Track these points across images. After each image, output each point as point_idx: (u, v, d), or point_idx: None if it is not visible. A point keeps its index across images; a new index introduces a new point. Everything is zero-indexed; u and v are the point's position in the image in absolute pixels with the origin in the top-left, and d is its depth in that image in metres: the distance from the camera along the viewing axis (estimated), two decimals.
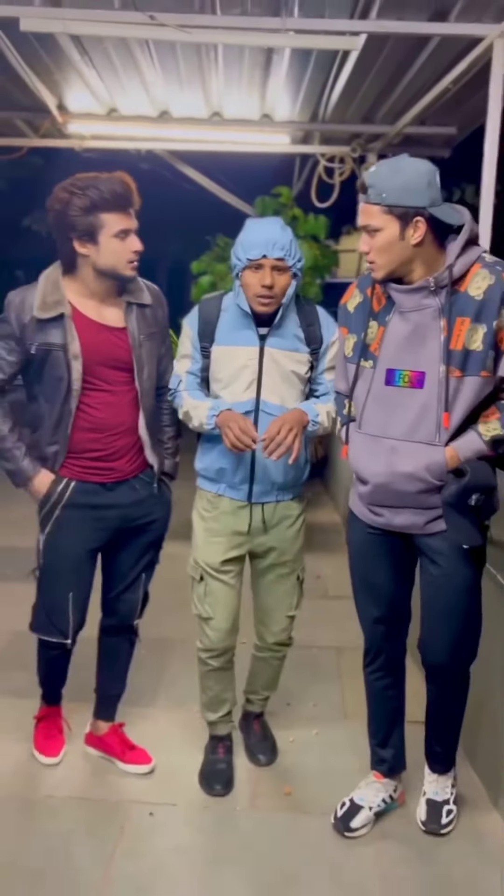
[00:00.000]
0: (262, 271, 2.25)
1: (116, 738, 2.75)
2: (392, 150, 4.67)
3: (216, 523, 2.52)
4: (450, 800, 2.49)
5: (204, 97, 4.03)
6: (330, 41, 2.91)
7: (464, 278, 2.06)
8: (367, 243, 2.08)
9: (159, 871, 2.22)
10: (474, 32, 2.82)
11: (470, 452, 2.14)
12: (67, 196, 2.20)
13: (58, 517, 2.44)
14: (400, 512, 2.24)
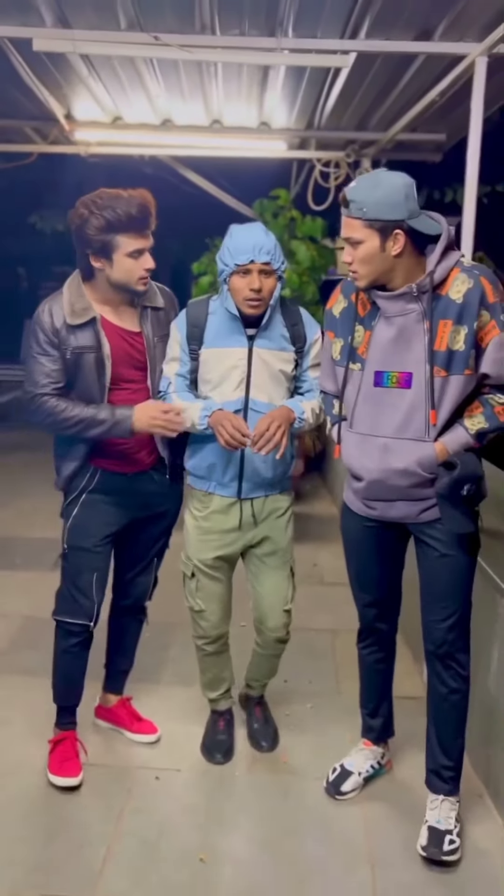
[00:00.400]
0: (251, 276, 2.32)
1: (125, 710, 2.91)
2: (385, 154, 4.85)
3: (207, 521, 2.59)
4: (453, 831, 2.37)
5: (205, 107, 4.21)
6: (322, 59, 3.09)
7: (444, 283, 2.16)
8: (350, 254, 2.16)
9: (165, 826, 2.43)
10: (457, 51, 2.99)
11: (458, 446, 2.22)
12: (87, 213, 2.29)
13: (84, 501, 2.57)
14: (393, 504, 2.33)
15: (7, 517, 5.28)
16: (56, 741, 2.69)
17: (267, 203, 5.75)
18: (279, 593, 2.66)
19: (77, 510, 2.58)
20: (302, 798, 2.59)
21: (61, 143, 4.68)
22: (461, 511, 2.22)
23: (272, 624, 2.68)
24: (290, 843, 2.38)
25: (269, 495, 2.58)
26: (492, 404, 2.23)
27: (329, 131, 4.60)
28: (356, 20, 2.94)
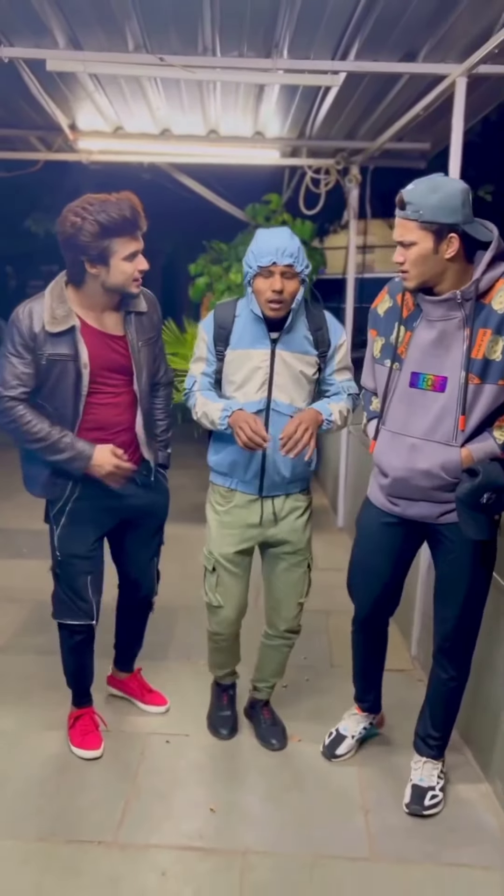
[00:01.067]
0: (273, 277, 2.32)
1: (136, 682, 3.10)
2: (373, 162, 5.07)
3: (229, 516, 2.62)
4: (436, 787, 2.57)
5: (203, 118, 4.42)
6: (313, 79, 3.31)
7: (489, 292, 2.15)
8: (403, 255, 2.16)
9: (176, 783, 2.67)
10: (439, 71, 3.22)
11: (484, 454, 2.23)
12: (79, 221, 2.24)
13: (70, 510, 2.57)
14: (415, 504, 2.36)
15: (9, 509, 5.50)
16: (75, 716, 2.84)
17: (259, 207, 5.98)
18: (295, 588, 2.71)
19: (65, 519, 2.58)
20: (301, 758, 2.82)
21: (65, 152, 4.88)
22: (479, 518, 2.22)
23: (285, 613, 2.74)
24: (291, 796, 2.62)
25: (290, 494, 2.61)
26: None
27: (320, 140, 4.80)
28: (347, 43, 3.17)
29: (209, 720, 2.97)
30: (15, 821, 2.46)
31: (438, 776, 2.60)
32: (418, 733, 2.65)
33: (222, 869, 2.29)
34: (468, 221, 2.11)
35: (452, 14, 2.90)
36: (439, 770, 2.61)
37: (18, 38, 3.18)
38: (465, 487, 2.18)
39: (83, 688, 2.85)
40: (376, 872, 2.30)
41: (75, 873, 2.26)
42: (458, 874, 2.30)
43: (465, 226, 2.10)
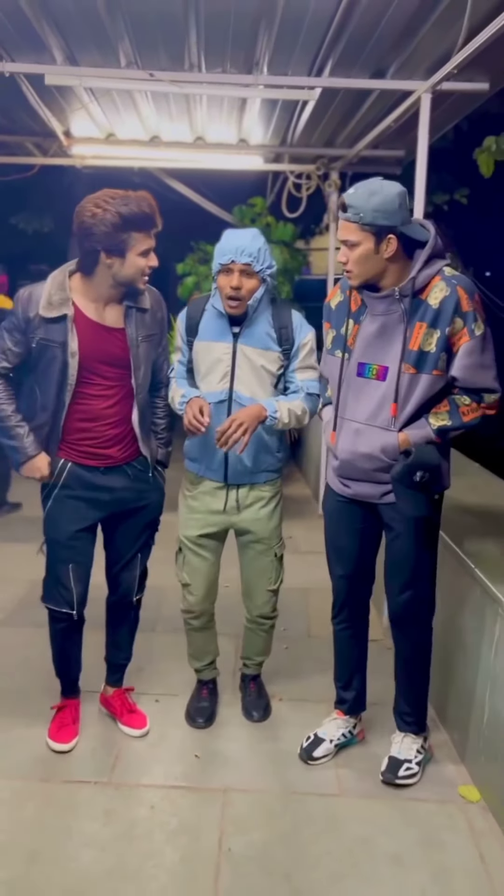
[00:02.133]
0: (231, 275, 2.44)
1: (119, 700, 3.01)
2: (351, 168, 5.35)
3: (195, 501, 2.75)
4: (412, 760, 2.67)
5: (190, 126, 4.70)
6: (292, 93, 3.59)
7: (425, 288, 2.29)
8: (346, 255, 2.30)
9: (164, 734, 2.94)
10: (406, 88, 3.50)
11: (420, 438, 2.37)
12: (100, 211, 2.28)
13: (56, 496, 2.60)
14: (360, 484, 2.52)
15: None
16: (58, 707, 2.91)
17: (245, 209, 6.26)
18: (263, 575, 2.83)
19: (50, 504, 2.62)
20: (279, 712, 3.09)
21: (59, 156, 5.15)
22: (416, 496, 2.38)
23: (256, 600, 2.87)
24: (268, 745, 2.90)
25: (255, 484, 2.70)
26: (458, 404, 2.37)
27: (300, 148, 5.07)
28: (321, 61, 3.45)
29: (187, 712, 3.04)
30: (18, 765, 2.72)
31: (417, 751, 2.70)
32: (395, 710, 2.78)
33: (205, 803, 2.57)
34: (406, 223, 2.25)
35: (417, 36, 3.18)
36: (419, 745, 2.72)
37: (19, 54, 3.44)
38: (397, 467, 2.35)
39: (67, 677, 2.90)
40: (344, 805, 2.58)
41: (73, 807, 2.52)
42: (418, 807, 2.57)
43: (402, 227, 2.24)
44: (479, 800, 2.60)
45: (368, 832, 2.45)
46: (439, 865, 2.32)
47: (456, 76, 3.16)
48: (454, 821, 2.52)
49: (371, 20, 2.99)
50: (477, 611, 2.66)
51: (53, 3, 2.94)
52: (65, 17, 3.07)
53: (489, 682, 2.56)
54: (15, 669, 3.35)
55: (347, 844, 2.40)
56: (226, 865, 2.29)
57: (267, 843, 2.39)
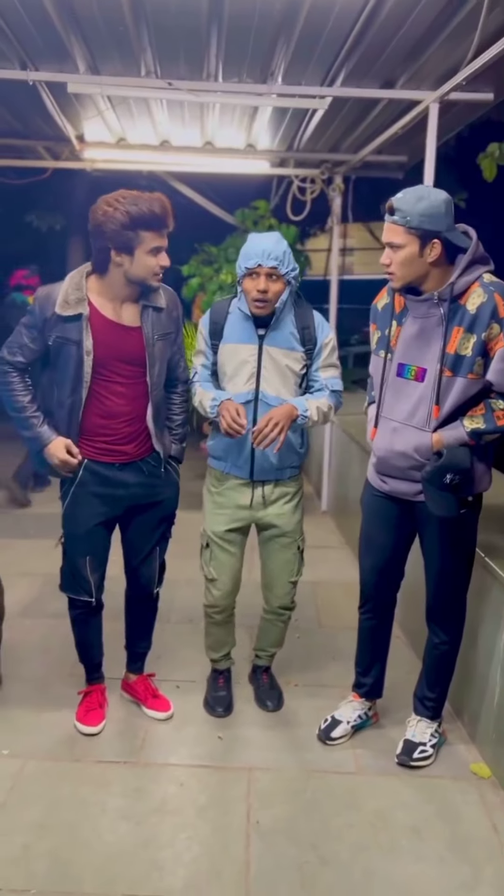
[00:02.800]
0: (258, 278, 2.50)
1: (143, 685, 3.12)
2: (355, 172, 5.49)
3: (222, 497, 2.81)
4: (426, 743, 2.79)
5: (200, 131, 4.83)
6: (303, 102, 3.73)
7: (464, 294, 2.34)
8: (389, 257, 2.36)
9: (187, 718, 3.06)
10: (414, 97, 3.64)
11: (453, 440, 2.40)
12: (111, 210, 2.36)
13: (74, 492, 2.69)
14: (397, 481, 2.60)
15: None
16: (84, 693, 3.02)
17: (248, 212, 6.39)
18: (286, 567, 2.90)
19: (69, 501, 2.71)
20: (295, 697, 3.21)
21: (71, 160, 5.26)
22: (446, 497, 2.39)
23: (278, 591, 2.94)
24: (288, 729, 3.04)
25: (280, 480, 2.78)
26: (493, 408, 2.40)
27: (306, 153, 5.21)
28: (335, 72, 3.60)
29: (206, 701, 3.11)
30: (50, 747, 2.84)
31: (432, 735, 2.82)
32: (416, 695, 2.88)
33: (231, 780, 2.70)
34: (450, 229, 2.33)
35: (428, 49, 3.33)
36: (433, 730, 2.83)
37: (42, 63, 3.56)
38: (428, 468, 2.39)
39: (90, 663, 3.00)
40: (362, 783, 2.72)
41: (106, 785, 2.65)
42: (432, 783, 2.72)
43: (446, 233, 2.31)
44: (490, 776, 2.74)
45: (386, 806, 2.59)
46: (455, 836, 2.47)
47: (464, 87, 3.30)
48: (467, 795, 2.66)
49: (386, 35, 3.14)
50: (491, 601, 2.80)
51: (82, 13, 3.05)
52: (91, 27, 3.19)
53: (500, 666, 2.70)
54: (37, 658, 3.46)
55: (367, 818, 2.54)
56: (255, 836, 2.43)
57: (292, 816, 2.53)
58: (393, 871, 2.32)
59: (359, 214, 6.92)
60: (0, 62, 3.54)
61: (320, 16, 2.99)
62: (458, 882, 2.28)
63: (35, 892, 2.19)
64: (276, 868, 2.31)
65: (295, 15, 2.99)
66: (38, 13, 3.05)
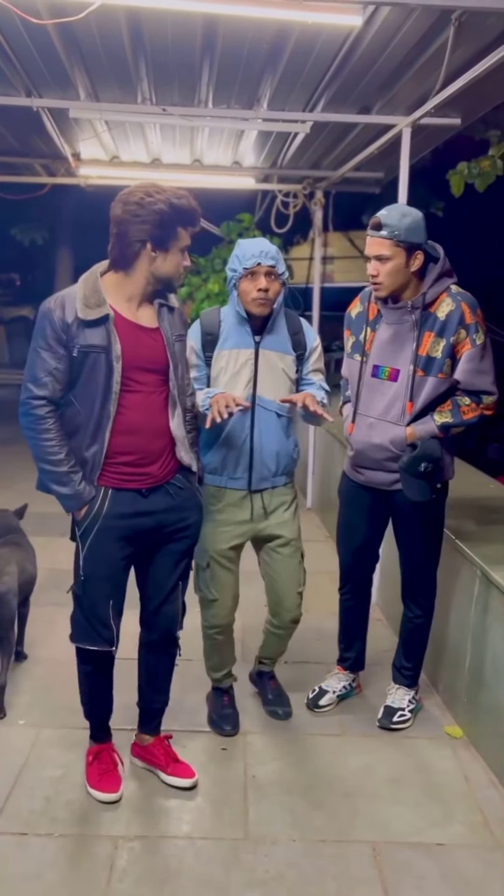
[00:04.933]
0: (258, 278, 2.50)
1: (161, 748, 2.75)
2: (335, 187, 5.83)
3: (221, 514, 2.75)
4: (405, 709, 3.06)
5: (190, 151, 5.15)
6: (286, 126, 4.06)
7: (434, 302, 2.62)
8: (377, 268, 2.57)
9: (186, 690, 3.26)
10: (389, 122, 3.97)
11: (425, 433, 2.67)
12: (151, 200, 2.16)
13: (98, 528, 2.35)
14: (373, 472, 2.84)
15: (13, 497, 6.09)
16: (94, 753, 2.70)
17: (233, 225, 6.71)
18: (293, 577, 2.86)
19: (92, 538, 2.36)
20: (284, 673, 3.41)
21: (66, 177, 5.55)
22: (420, 484, 2.65)
23: (288, 604, 2.89)
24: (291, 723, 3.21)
25: (276, 487, 2.77)
26: (459, 404, 2.67)
27: (289, 170, 5.54)
28: (315, 98, 3.92)
29: (211, 719, 3.05)
30: (64, 717, 3.07)
31: (409, 701, 3.09)
32: (394, 665, 3.15)
33: (228, 742, 2.98)
34: (426, 242, 2.61)
35: (401, 80, 3.66)
36: (411, 697, 3.11)
37: (46, 90, 3.85)
38: (404, 458, 2.64)
39: (101, 719, 2.71)
40: (347, 742, 3.01)
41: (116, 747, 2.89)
42: (410, 742, 3.02)
43: (425, 245, 2.60)
44: (462, 736, 3.04)
45: (369, 762, 2.89)
46: (431, 784, 2.77)
47: (433, 113, 3.63)
48: (442, 752, 2.96)
49: (363, 67, 3.46)
50: (462, 578, 3.10)
51: (85, 46, 3.35)
52: (92, 58, 3.49)
53: (469, 634, 3.01)
54: (44, 638, 3.69)
55: (352, 771, 2.83)
56: (251, 788, 2.71)
57: (284, 770, 2.82)
58: (375, 812, 2.61)
59: (338, 225, 7.25)
60: (7, 90, 3.82)
61: (304, 50, 3.30)
62: (431, 821, 2.58)
63: (58, 834, 2.46)
64: (271, 812, 2.59)
65: (281, 50, 3.31)
66: (44, 45, 3.34)
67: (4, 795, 2.62)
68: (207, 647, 3.00)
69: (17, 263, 15.52)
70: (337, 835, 2.50)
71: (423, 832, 2.53)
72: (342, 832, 2.52)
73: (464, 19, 2.88)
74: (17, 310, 16.38)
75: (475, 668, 2.95)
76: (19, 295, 16.62)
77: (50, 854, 2.37)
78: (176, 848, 2.42)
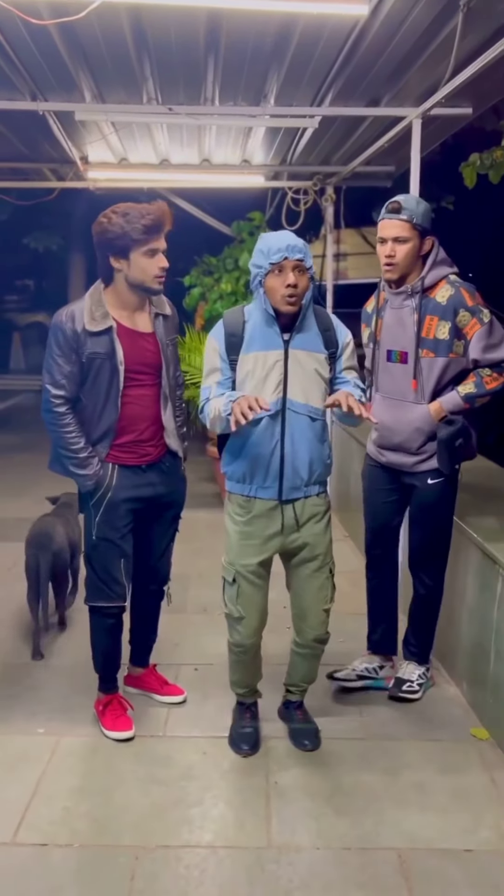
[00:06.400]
0: (285, 273, 2.34)
1: (153, 676, 3.25)
2: (345, 182, 5.77)
3: (250, 526, 2.58)
4: (413, 681, 3.15)
5: (198, 150, 5.11)
6: (294, 122, 4.01)
7: (433, 288, 2.79)
8: (394, 249, 2.73)
9: (207, 694, 3.26)
10: (398, 114, 3.91)
11: (451, 405, 2.81)
12: (106, 221, 2.54)
13: (109, 498, 2.76)
14: (395, 454, 2.97)
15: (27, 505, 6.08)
16: (104, 702, 3.01)
17: (244, 224, 6.67)
18: (321, 593, 2.70)
19: (104, 507, 2.76)
20: None
21: (75, 181, 5.54)
22: (449, 457, 2.84)
23: (312, 621, 2.71)
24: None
25: (309, 497, 2.59)
26: (481, 375, 2.81)
27: (299, 166, 5.50)
28: (323, 93, 3.87)
29: (230, 736, 2.94)
30: (82, 726, 3.05)
31: (419, 676, 3.17)
32: (403, 642, 3.23)
33: None
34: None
35: (410, 70, 3.60)
36: (421, 672, 3.18)
37: (51, 93, 3.83)
38: (445, 431, 2.80)
39: (112, 672, 3.03)
40: (371, 746, 2.95)
41: (135, 755, 2.88)
42: (435, 746, 2.95)
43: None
44: (488, 738, 2.98)
45: (393, 766, 2.83)
46: (457, 788, 2.71)
47: (444, 103, 3.56)
48: (468, 756, 2.89)
49: (371, 58, 3.41)
50: (481, 574, 3.04)
51: (88, 48, 3.32)
52: (96, 59, 3.46)
53: (493, 633, 2.94)
54: (61, 644, 3.68)
55: (376, 775, 2.77)
56: (274, 794, 2.66)
57: (307, 776, 2.76)
58: (401, 818, 2.55)
59: (351, 221, 7.18)
60: (12, 94, 3.80)
61: (310, 43, 3.25)
62: (459, 826, 2.52)
63: (78, 845, 2.42)
64: (294, 819, 2.54)
65: (286, 43, 3.26)
66: (48, 49, 3.31)
67: (24, 805, 2.59)
68: (232, 662, 2.87)
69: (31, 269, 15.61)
70: (362, 842, 2.45)
71: (451, 838, 2.46)
72: (368, 839, 2.46)
73: (472, 5, 2.82)
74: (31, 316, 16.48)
75: (500, 667, 2.88)
76: (34, 301, 16.71)
77: (70, 866, 2.34)
78: (198, 857, 2.38)
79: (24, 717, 3.11)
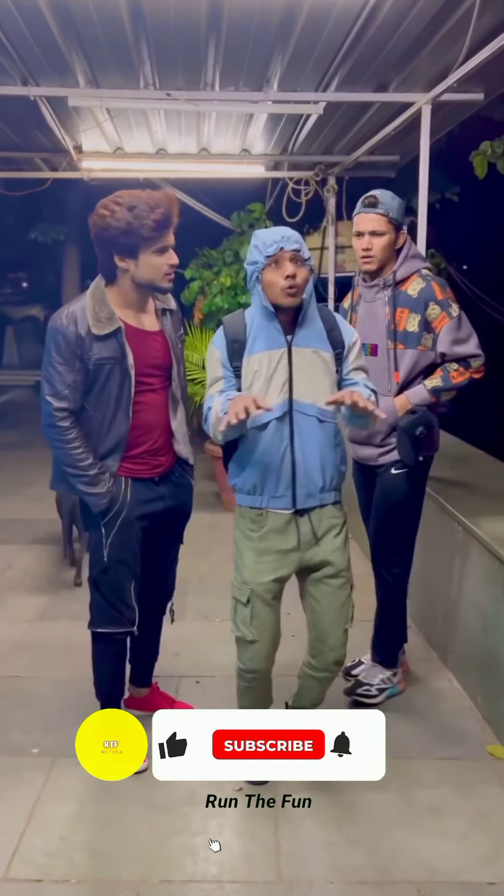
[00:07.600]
0: (282, 264, 2.23)
1: (159, 695, 3.00)
2: (348, 173, 5.61)
3: (264, 542, 2.43)
4: (373, 686, 3.08)
5: (196, 139, 4.94)
6: (298, 108, 3.84)
7: (405, 281, 2.83)
8: (371, 242, 2.79)
9: (208, 697, 3.13)
10: (407, 100, 3.75)
11: (418, 399, 2.83)
12: (109, 214, 2.22)
13: (124, 515, 2.50)
14: (363, 447, 2.99)
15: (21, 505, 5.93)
16: None
17: (244, 216, 6.49)
18: (341, 614, 2.52)
19: (118, 527, 2.51)
20: None
21: (68, 171, 5.35)
22: (411, 445, 2.81)
23: (333, 642, 2.54)
24: None
25: (325, 505, 2.45)
26: (448, 370, 2.84)
27: (300, 156, 5.34)
28: (329, 77, 3.70)
29: None
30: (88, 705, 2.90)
31: (382, 680, 3.10)
32: (371, 640, 3.20)
33: None
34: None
35: (420, 54, 3.43)
36: (384, 677, 3.11)
37: (43, 78, 3.65)
38: (405, 419, 2.82)
39: (117, 698, 2.82)
40: None
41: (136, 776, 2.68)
42: (451, 765, 2.80)
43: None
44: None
45: (407, 787, 2.68)
46: (476, 812, 2.56)
47: (455, 88, 3.40)
48: (485, 775, 2.75)
49: (381, 40, 3.25)
50: (494, 582, 2.90)
51: (82, 28, 3.15)
52: (91, 42, 3.28)
53: None
54: (59, 659, 3.54)
55: (390, 798, 2.62)
56: (283, 819, 2.51)
57: (316, 800, 2.57)
58: (418, 847, 2.41)
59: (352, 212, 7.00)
60: (2, 79, 3.63)
61: (317, 24, 3.09)
62: (480, 856, 2.37)
63: (75, 881, 2.27)
64: (305, 849, 2.40)
65: (292, 24, 3.09)
66: (39, 28, 3.14)
67: (18, 834, 2.44)
68: (242, 689, 2.65)
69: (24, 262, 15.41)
70: (378, 875, 2.30)
71: (472, 869, 2.32)
72: (384, 871, 2.31)
73: None
74: (25, 309, 16.28)
75: None
76: (27, 294, 16.52)
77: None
78: (203, 893, 2.23)
79: (16, 735, 2.96)
